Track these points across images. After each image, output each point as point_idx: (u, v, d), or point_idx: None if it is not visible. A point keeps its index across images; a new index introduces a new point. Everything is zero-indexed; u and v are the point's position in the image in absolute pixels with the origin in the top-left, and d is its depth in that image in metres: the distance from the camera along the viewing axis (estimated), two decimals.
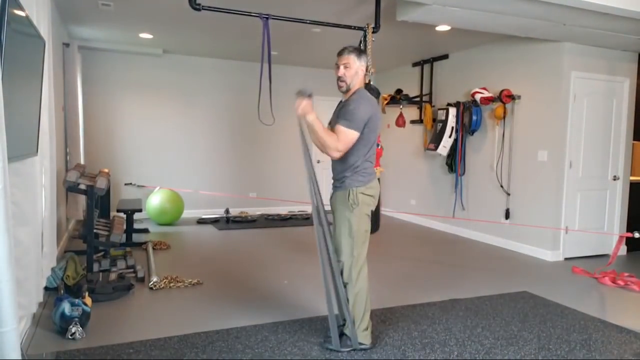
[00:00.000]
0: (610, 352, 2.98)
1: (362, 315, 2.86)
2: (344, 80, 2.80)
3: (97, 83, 7.10)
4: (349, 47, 2.84)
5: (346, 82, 2.81)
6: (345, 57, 2.80)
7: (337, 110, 2.88)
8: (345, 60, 2.79)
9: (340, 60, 2.81)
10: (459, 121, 6.38)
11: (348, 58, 2.79)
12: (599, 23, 4.43)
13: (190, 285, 4.14)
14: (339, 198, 2.86)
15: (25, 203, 2.89)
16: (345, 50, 2.82)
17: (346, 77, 2.80)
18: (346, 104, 2.81)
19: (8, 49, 2.15)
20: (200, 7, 3.97)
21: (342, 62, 2.79)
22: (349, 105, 2.77)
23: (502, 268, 5.03)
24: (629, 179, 5.83)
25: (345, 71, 2.80)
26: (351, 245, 2.82)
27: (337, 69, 2.82)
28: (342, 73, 2.80)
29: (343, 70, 2.80)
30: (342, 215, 2.83)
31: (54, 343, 2.90)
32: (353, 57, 2.80)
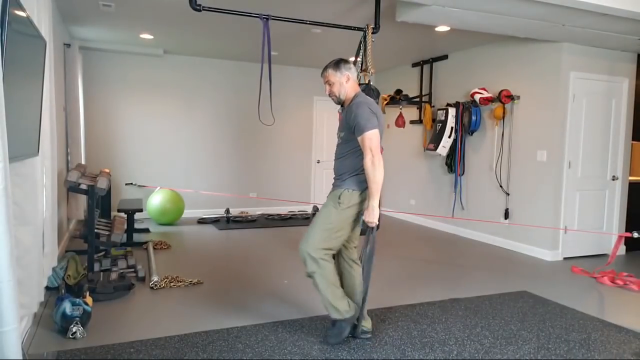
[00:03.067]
0: (609, 352, 2.99)
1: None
2: (334, 95, 2.97)
3: (98, 83, 7.11)
4: (328, 64, 2.97)
5: (336, 96, 2.97)
6: (325, 75, 2.96)
7: (344, 119, 2.97)
8: (326, 79, 2.96)
9: (323, 79, 2.99)
10: (458, 121, 6.39)
11: (327, 75, 2.95)
12: (598, 23, 4.44)
13: (191, 284, 4.16)
14: (332, 195, 2.97)
15: (26, 203, 2.90)
16: (324, 70, 2.98)
17: (333, 93, 2.96)
18: (348, 112, 2.89)
19: (9, 50, 2.16)
20: (200, 8, 3.98)
21: (325, 81, 2.97)
22: (351, 113, 2.85)
23: (502, 268, 5.04)
24: (627, 179, 5.84)
25: (331, 88, 2.96)
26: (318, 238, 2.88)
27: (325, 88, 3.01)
28: (329, 91, 2.98)
29: (328, 87, 2.97)
30: (325, 208, 2.95)
31: (55, 342, 2.91)
32: (331, 72, 2.93)
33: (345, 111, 2.95)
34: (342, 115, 3.04)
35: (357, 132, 2.82)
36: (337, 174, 3.00)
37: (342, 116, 3.04)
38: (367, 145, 2.79)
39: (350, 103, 2.92)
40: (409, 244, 6.19)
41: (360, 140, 2.82)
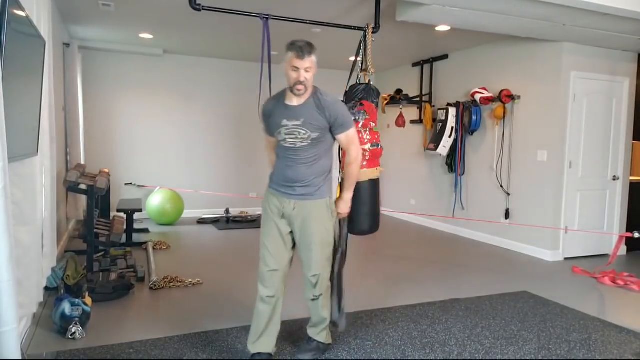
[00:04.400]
0: (610, 352, 2.98)
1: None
2: (305, 84, 2.47)
3: (98, 83, 7.10)
4: (305, 45, 2.45)
5: (306, 86, 2.49)
6: (308, 60, 2.44)
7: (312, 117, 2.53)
8: (308, 64, 2.45)
9: (302, 63, 2.43)
10: (458, 121, 6.38)
11: (311, 61, 2.46)
12: (599, 23, 4.43)
13: (191, 285, 4.15)
14: (315, 209, 2.61)
15: (26, 203, 2.89)
16: (305, 51, 2.44)
17: (308, 82, 2.48)
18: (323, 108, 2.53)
19: (8, 49, 2.16)
20: (200, 8, 3.97)
21: (305, 67, 2.44)
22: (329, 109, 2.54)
23: (502, 268, 5.03)
24: (628, 179, 5.84)
25: (307, 74, 2.47)
26: (329, 255, 2.72)
27: (295, 72, 2.45)
28: (304, 78, 2.45)
29: (304, 75, 2.45)
30: (322, 225, 2.64)
31: (54, 343, 2.90)
32: (314, 58, 2.48)
33: (311, 107, 2.53)
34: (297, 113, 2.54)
35: (341, 129, 2.57)
36: (306, 181, 2.58)
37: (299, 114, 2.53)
38: (354, 140, 2.65)
39: (316, 98, 2.55)
40: (409, 244, 6.18)
41: (344, 136, 2.60)
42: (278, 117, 2.57)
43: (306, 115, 2.53)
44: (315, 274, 2.68)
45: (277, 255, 2.66)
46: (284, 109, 2.57)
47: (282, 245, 2.68)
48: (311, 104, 2.55)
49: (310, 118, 2.52)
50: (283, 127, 2.55)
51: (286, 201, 2.61)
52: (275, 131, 2.58)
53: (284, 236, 2.68)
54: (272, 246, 2.67)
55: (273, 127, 2.60)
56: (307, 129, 2.52)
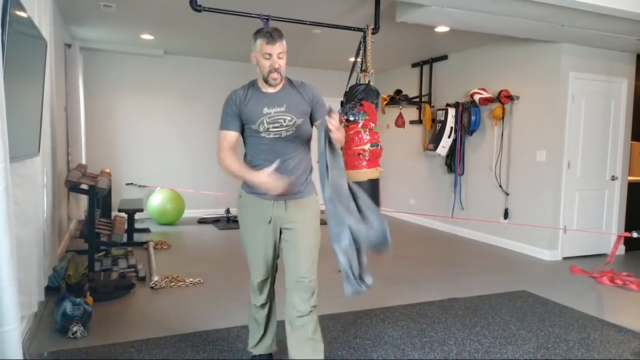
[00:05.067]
0: (609, 351, 3.00)
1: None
2: (280, 71, 2.29)
3: (99, 84, 7.12)
4: (274, 30, 2.29)
5: (281, 73, 2.31)
6: (280, 44, 2.27)
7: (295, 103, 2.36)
8: (280, 49, 2.27)
9: (274, 49, 2.25)
10: (458, 121, 6.40)
11: (282, 45, 2.29)
12: (597, 24, 4.45)
13: (191, 284, 4.17)
14: (308, 206, 2.43)
15: (27, 203, 2.91)
16: (276, 35, 2.27)
17: (282, 69, 2.30)
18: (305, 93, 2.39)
19: (10, 50, 2.17)
20: (201, 8, 3.99)
21: (277, 52, 2.26)
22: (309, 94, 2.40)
23: (501, 267, 5.05)
24: (627, 179, 5.85)
25: (281, 61, 2.29)
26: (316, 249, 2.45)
27: (267, 59, 2.27)
28: (278, 65, 2.28)
29: (279, 61, 2.28)
30: (314, 227, 2.44)
31: (56, 342, 2.92)
32: (284, 43, 2.31)
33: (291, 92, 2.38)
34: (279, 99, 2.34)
35: (322, 111, 2.36)
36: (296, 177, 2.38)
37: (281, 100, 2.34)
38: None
39: (290, 84, 2.41)
40: (409, 244, 6.20)
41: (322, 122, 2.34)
42: (256, 106, 2.31)
43: (288, 100, 2.34)
44: (312, 278, 2.38)
45: (267, 264, 2.47)
46: (263, 96, 2.34)
47: (270, 254, 2.46)
48: (289, 89, 2.39)
49: (293, 102, 2.34)
50: (265, 116, 2.30)
51: (274, 204, 2.35)
52: (256, 122, 2.31)
53: (273, 243, 2.44)
54: (260, 257, 2.45)
55: (250, 118, 2.31)
56: (292, 115, 2.32)
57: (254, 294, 2.58)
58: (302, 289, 2.35)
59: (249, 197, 2.42)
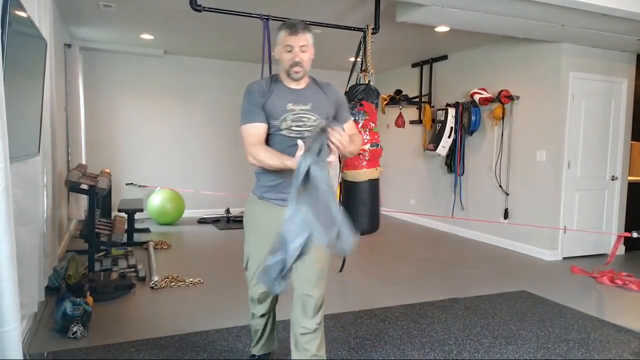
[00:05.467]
0: (609, 351, 3.00)
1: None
2: (302, 65, 2.15)
3: (99, 84, 7.12)
4: (299, 22, 2.16)
5: (304, 68, 2.16)
6: (303, 36, 2.12)
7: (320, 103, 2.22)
8: (303, 42, 2.12)
9: (296, 40, 2.11)
10: (458, 121, 6.40)
11: (306, 38, 2.13)
12: (598, 24, 4.45)
13: (191, 284, 4.17)
14: None
15: (27, 203, 2.90)
16: (299, 27, 2.13)
17: (304, 62, 2.15)
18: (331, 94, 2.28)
19: (10, 50, 2.17)
20: (201, 8, 3.99)
21: (300, 44, 2.12)
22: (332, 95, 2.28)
23: (501, 267, 5.05)
24: (627, 179, 5.85)
25: (303, 55, 2.14)
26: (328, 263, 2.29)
27: (289, 52, 2.14)
28: (299, 58, 2.13)
29: (301, 54, 2.13)
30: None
31: (56, 342, 2.92)
32: (309, 36, 2.15)
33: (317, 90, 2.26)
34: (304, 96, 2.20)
35: (346, 115, 2.33)
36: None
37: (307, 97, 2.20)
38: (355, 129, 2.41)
39: (315, 82, 2.29)
40: (409, 244, 6.20)
41: (348, 125, 2.28)
42: (280, 100, 2.16)
43: (314, 99, 2.21)
44: (321, 293, 2.23)
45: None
46: (288, 91, 2.19)
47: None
48: (315, 87, 2.26)
49: (319, 102, 2.21)
50: (289, 112, 2.14)
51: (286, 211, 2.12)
52: (278, 118, 2.15)
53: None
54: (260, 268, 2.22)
55: (273, 112, 2.14)
56: (317, 115, 2.18)
57: (254, 305, 2.46)
58: (309, 305, 2.20)
59: (259, 203, 2.27)
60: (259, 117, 2.15)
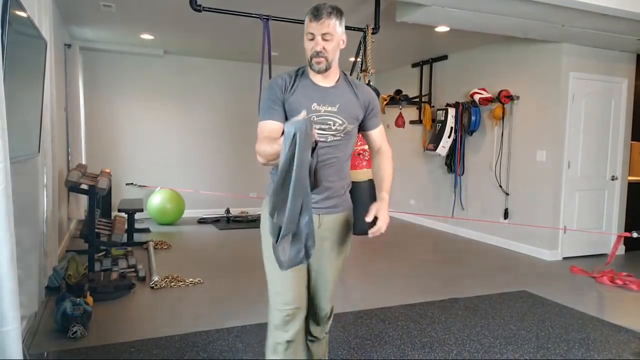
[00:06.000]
0: (609, 351, 3.00)
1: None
2: (325, 56, 1.88)
3: (99, 84, 7.12)
4: (325, 6, 1.87)
5: (327, 59, 1.89)
6: (327, 22, 1.84)
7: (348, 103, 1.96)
8: (326, 29, 1.84)
9: (319, 28, 1.85)
10: (458, 121, 6.40)
11: (330, 25, 1.84)
12: (597, 24, 4.45)
13: (191, 284, 4.17)
14: (341, 224, 2.05)
15: (27, 203, 2.91)
16: (323, 11, 1.85)
17: (328, 52, 1.88)
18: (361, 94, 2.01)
19: (10, 50, 2.17)
20: (201, 8, 3.99)
21: (322, 31, 1.85)
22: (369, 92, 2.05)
23: (501, 267, 5.05)
24: (627, 179, 5.85)
25: (326, 44, 1.87)
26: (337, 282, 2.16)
27: (310, 40, 1.89)
28: (322, 47, 1.86)
29: (322, 43, 1.87)
30: (346, 245, 2.11)
31: (56, 342, 2.92)
32: (335, 22, 1.87)
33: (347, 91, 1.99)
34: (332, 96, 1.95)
35: (376, 120, 2.08)
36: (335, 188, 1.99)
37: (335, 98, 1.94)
38: (385, 136, 2.15)
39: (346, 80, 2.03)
40: (409, 244, 6.20)
41: (378, 132, 2.09)
42: (304, 98, 1.91)
43: (343, 100, 1.95)
44: (331, 306, 2.15)
45: (299, 288, 1.97)
46: (314, 89, 1.94)
47: (302, 274, 1.99)
48: (345, 87, 1.99)
49: (347, 104, 1.95)
50: (313, 114, 1.90)
51: None
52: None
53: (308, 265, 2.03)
54: (289, 278, 1.93)
55: (295, 111, 1.84)
56: (343, 118, 1.94)
57: (276, 330, 1.96)
58: (321, 316, 2.13)
59: None
60: (275, 115, 1.91)
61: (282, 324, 1.93)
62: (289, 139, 1.58)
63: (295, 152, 1.56)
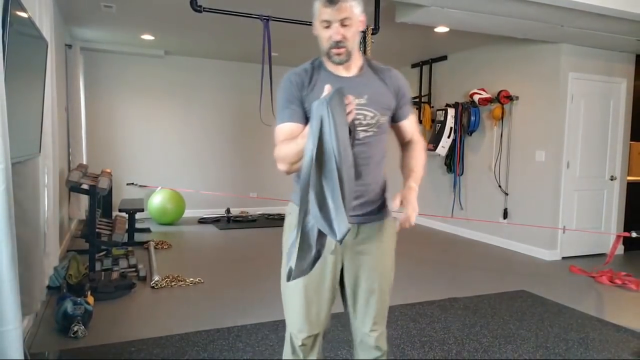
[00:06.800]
0: (608, 351, 3.01)
1: None
2: (345, 45, 1.62)
3: (99, 84, 7.13)
4: None
5: (347, 48, 1.63)
6: (343, 6, 1.59)
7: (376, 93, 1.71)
8: (344, 13, 1.59)
9: (335, 13, 1.59)
10: (457, 122, 6.41)
11: (348, 7, 1.60)
12: (597, 24, 4.46)
13: (192, 284, 4.18)
14: (383, 233, 1.81)
15: (28, 203, 2.91)
16: None
17: (348, 41, 1.62)
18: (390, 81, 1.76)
19: (11, 50, 2.18)
20: (201, 9, 4.00)
21: (340, 17, 1.59)
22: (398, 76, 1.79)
23: (500, 267, 5.06)
24: (626, 179, 5.87)
25: (345, 31, 1.61)
26: (389, 295, 1.90)
27: (326, 29, 1.63)
28: (342, 35, 1.61)
29: (342, 30, 1.61)
30: (390, 257, 1.87)
31: (57, 341, 2.93)
32: (352, 3, 1.62)
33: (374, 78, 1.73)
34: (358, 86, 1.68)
35: (408, 107, 1.84)
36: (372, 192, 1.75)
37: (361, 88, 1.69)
38: (416, 125, 1.90)
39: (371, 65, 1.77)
40: (408, 244, 6.20)
41: (409, 122, 1.85)
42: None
43: (371, 89, 1.70)
44: (376, 328, 1.84)
45: (322, 309, 1.76)
46: (336, 81, 1.63)
47: (326, 296, 1.76)
48: (370, 74, 1.74)
49: (377, 93, 1.70)
50: None
51: None
52: None
53: (331, 281, 1.75)
54: (310, 300, 1.73)
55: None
56: (374, 110, 1.69)
57: (294, 354, 1.79)
58: (369, 347, 1.85)
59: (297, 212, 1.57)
60: (294, 116, 1.66)
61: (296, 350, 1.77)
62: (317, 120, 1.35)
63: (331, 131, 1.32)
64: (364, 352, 1.87)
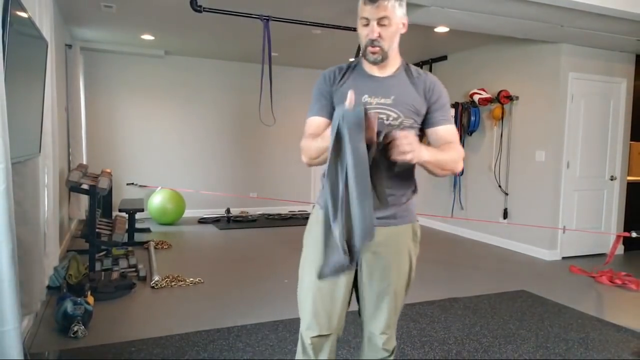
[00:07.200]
0: (608, 351, 3.01)
1: None
2: (380, 45, 1.62)
3: (100, 84, 7.13)
4: None
5: (383, 48, 1.63)
6: (382, 5, 1.57)
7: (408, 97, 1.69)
8: (383, 12, 1.58)
9: (374, 11, 1.58)
10: (457, 122, 6.41)
11: (387, 7, 1.58)
12: (597, 24, 4.46)
13: (192, 284, 4.18)
14: (404, 237, 1.80)
15: (28, 203, 2.91)
16: None
17: (384, 40, 1.62)
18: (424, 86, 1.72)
19: (11, 50, 2.18)
20: (201, 9, 4.00)
21: (378, 15, 1.58)
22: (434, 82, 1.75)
23: (500, 267, 5.06)
24: (626, 179, 5.87)
25: (383, 30, 1.61)
26: (403, 299, 1.93)
27: (365, 27, 1.63)
28: (378, 34, 1.60)
29: (379, 28, 1.60)
30: (408, 262, 1.86)
31: (57, 341, 2.93)
32: (395, 4, 1.61)
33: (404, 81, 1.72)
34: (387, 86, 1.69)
35: (443, 115, 1.73)
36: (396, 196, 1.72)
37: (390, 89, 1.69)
38: (457, 139, 1.75)
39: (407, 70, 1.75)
40: None
41: (446, 130, 1.73)
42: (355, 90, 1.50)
43: (399, 90, 1.69)
44: (386, 332, 1.87)
45: (334, 311, 1.78)
46: (367, 79, 1.70)
47: (340, 296, 1.78)
48: (403, 77, 1.73)
49: (404, 95, 1.69)
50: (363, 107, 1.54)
51: None
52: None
53: (346, 282, 1.77)
54: (324, 299, 1.76)
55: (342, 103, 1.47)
56: (399, 112, 1.67)
57: (305, 355, 1.78)
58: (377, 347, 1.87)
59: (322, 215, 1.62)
60: (322, 110, 1.71)
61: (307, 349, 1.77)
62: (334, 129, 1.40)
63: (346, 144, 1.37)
64: (371, 352, 1.88)
